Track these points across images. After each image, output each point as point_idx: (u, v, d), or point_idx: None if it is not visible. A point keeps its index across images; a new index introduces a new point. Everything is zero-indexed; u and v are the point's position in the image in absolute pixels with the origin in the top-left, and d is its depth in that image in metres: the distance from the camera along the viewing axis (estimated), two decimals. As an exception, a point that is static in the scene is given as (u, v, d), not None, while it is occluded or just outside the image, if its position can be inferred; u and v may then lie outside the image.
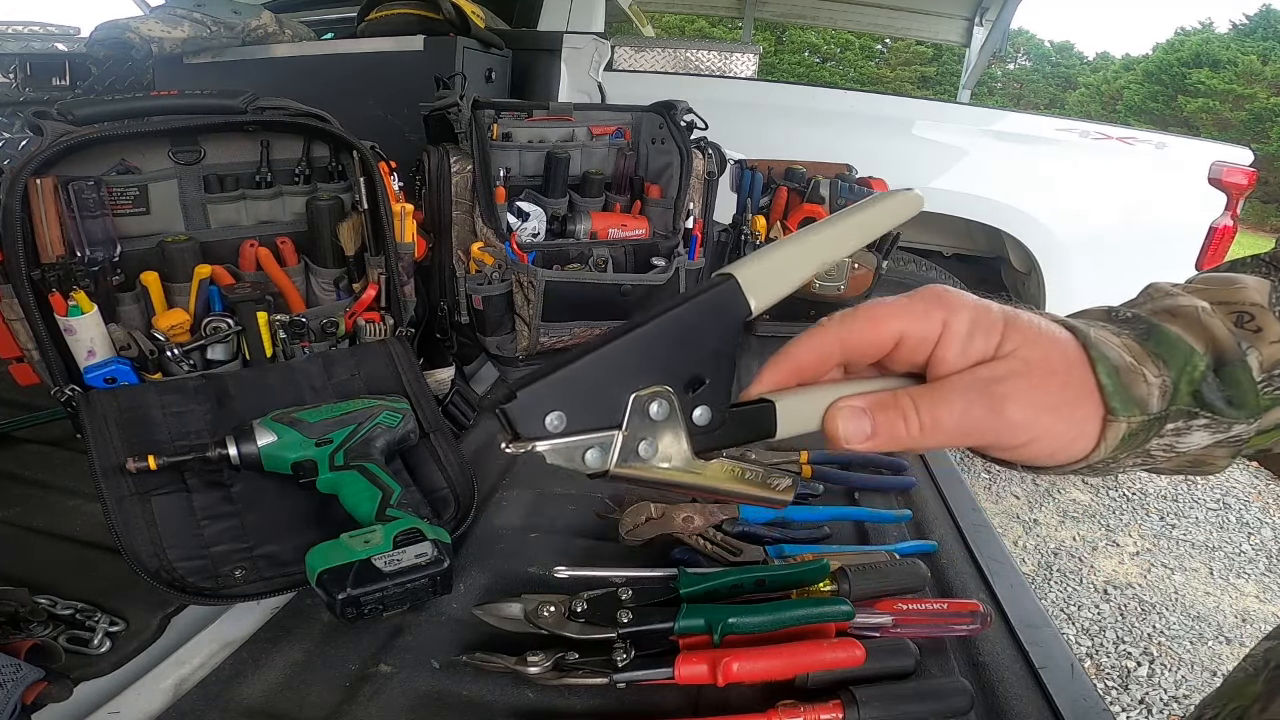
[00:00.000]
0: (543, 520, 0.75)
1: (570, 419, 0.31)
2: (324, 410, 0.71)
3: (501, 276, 1.00)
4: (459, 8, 1.68)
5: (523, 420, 0.30)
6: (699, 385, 0.33)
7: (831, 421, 0.34)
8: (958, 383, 0.33)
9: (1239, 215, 2.33)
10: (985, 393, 0.33)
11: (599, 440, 0.31)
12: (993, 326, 0.33)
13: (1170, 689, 1.78)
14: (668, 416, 0.32)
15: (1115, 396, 0.32)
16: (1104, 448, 0.33)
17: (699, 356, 0.33)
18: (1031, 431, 0.32)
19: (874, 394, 0.34)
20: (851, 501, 0.82)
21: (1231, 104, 15.33)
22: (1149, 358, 0.34)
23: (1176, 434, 0.34)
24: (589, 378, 0.31)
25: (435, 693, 0.53)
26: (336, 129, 0.79)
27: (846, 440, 0.34)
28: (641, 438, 0.32)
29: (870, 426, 0.34)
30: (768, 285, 0.33)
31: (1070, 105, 19.92)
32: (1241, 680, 0.49)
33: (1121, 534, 2.48)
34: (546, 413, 0.30)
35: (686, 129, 1.16)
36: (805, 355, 0.35)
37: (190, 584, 0.60)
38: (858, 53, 21.18)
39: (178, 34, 1.66)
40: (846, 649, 0.52)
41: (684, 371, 0.32)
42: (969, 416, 0.33)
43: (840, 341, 0.35)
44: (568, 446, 0.31)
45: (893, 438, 0.34)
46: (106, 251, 0.71)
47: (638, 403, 0.32)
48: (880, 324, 0.34)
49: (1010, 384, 0.32)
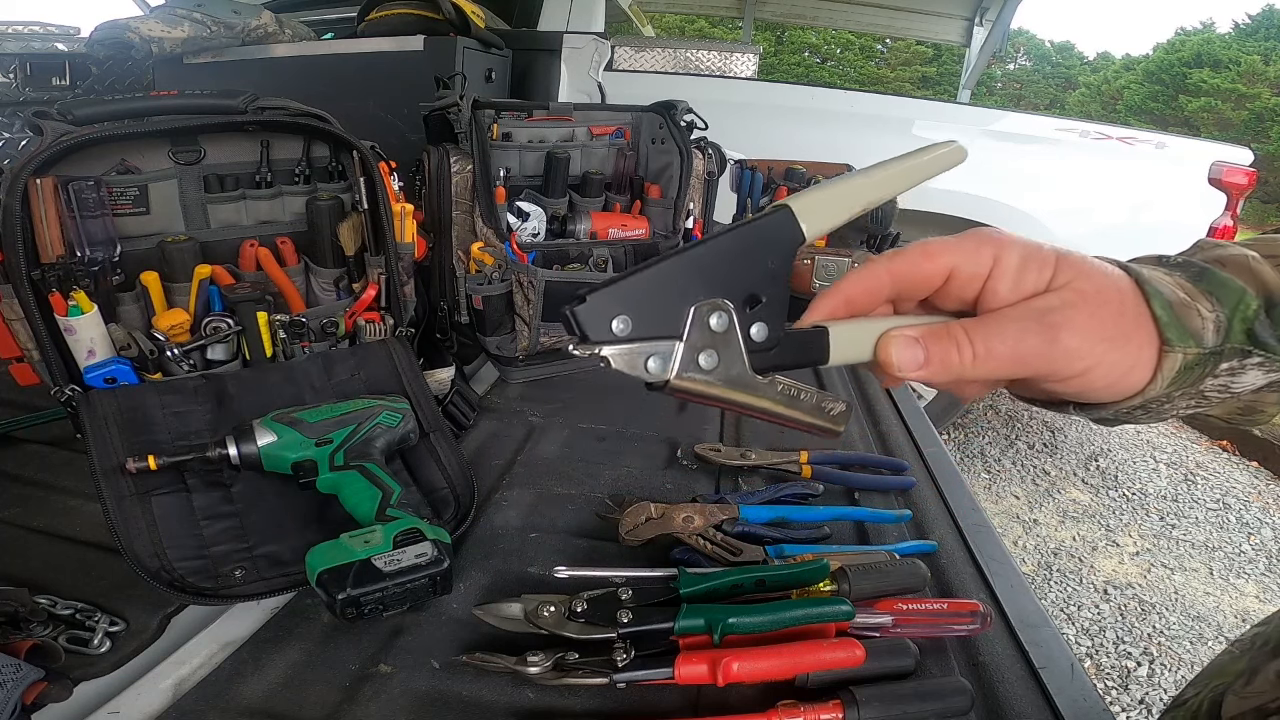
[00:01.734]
0: (543, 520, 0.75)
1: (635, 325, 0.31)
2: (324, 410, 0.71)
3: (501, 276, 1.00)
4: (459, 8, 1.68)
5: (591, 323, 0.31)
6: (755, 304, 0.33)
7: (885, 349, 0.34)
8: (1011, 313, 0.33)
9: (1239, 215, 2.34)
10: (1040, 321, 0.32)
11: (661, 349, 0.32)
12: (1045, 261, 0.33)
13: (1170, 689, 1.78)
14: (726, 329, 0.33)
15: (1170, 328, 0.32)
16: (1160, 380, 0.33)
17: (756, 276, 0.33)
18: (1086, 360, 0.32)
19: (926, 325, 0.34)
20: (851, 501, 0.82)
21: (1233, 103, 15.33)
22: (1202, 295, 0.34)
23: (1231, 373, 0.34)
24: (654, 286, 0.32)
25: (435, 693, 0.53)
26: (336, 129, 0.79)
27: (900, 368, 0.34)
28: (701, 348, 0.32)
29: (923, 354, 0.34)
30: (820, 215, 0.34)
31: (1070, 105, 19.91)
32: (1225, 661, 0.49)
33: (1121, 534, 2.48)
34: (613, 317, 0.31)
35: (686, 129, 1.16)
36: (855, 288, 0.36)
37: (190, 584, 0.59)
38: (858, 53, 21.17)
39: (178, 34, 1.66)
40: (846, 649, 0.52)
41: (742, 288, 0.33)
42: (1023, 344, 0.32)
43: (890, 274, 0.35)
44: (631, 352, 0.32)
45: (945, 366, 0.33)
46: (106, 251, 0.71)
47: (699, 314, 0.32)
48: (931, 257, 0.34)
49: (1065, 313, 0.32)
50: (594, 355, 0.31)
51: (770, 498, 0.76)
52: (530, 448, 0.90)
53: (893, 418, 1.05)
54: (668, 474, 0.85)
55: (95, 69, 1.79)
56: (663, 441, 0.93)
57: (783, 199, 0.34)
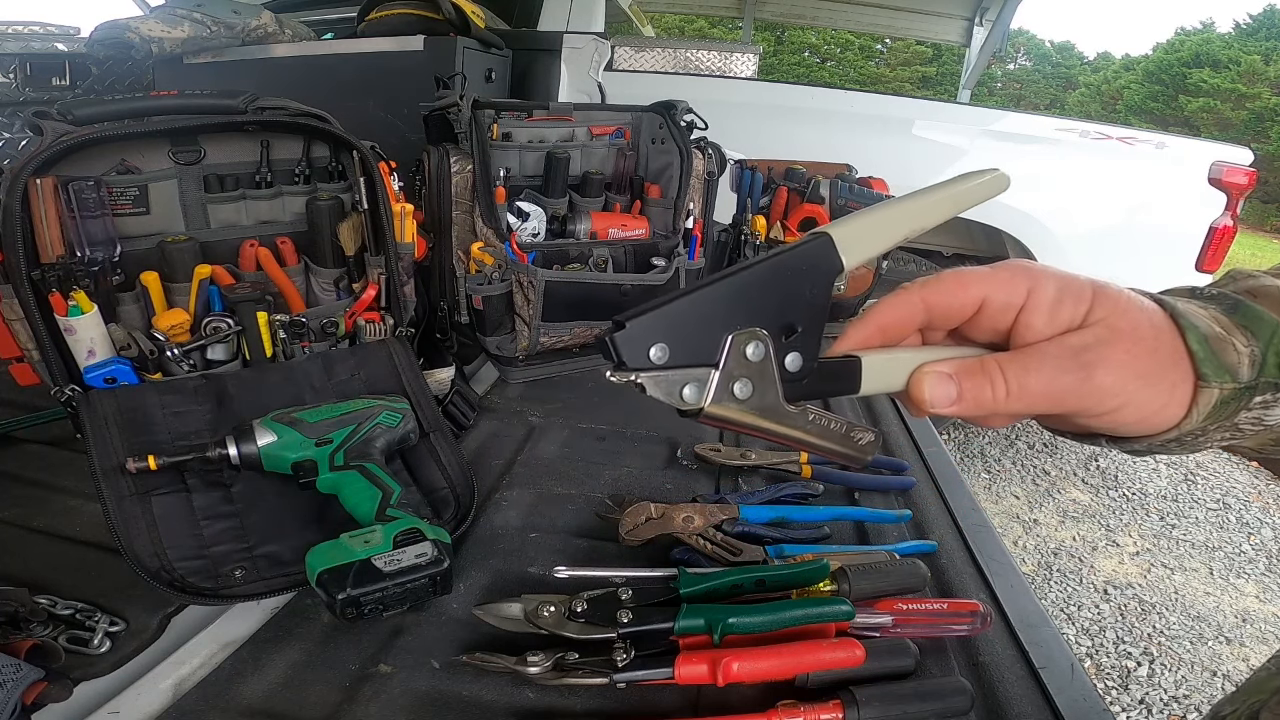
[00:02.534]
0: (543, 520, 0.75)
1: (672, 353, 0.31)
2: (324, 410, 0.71)
3: (501, 276, 1.00)
4: (459, 8, 1.68)
5: (629, 350, 0.31)
6: (792, 333, 0.33)
7: (917, 386, 0.34)
8: (1046, 349, 0.33)
9: (1239, 215, 2.33)
10: (1075, 359, 0.32)
11: (697, 376, 0.32)
12: (1080, 295, 0.33)
13: (1170, 689, 1.78)
14: (762, 359, 0.33)
15: (1206, 363, 0.32)
16: (1195, 415, 0.33)
17: (794, 305, 0.33)
18: (1120, 398, 0.32)
19: (960, 360, 0.34)
20: (851, 501, 0.82)
21: (1233, 103, 15.33)
22: (1237, 329, 0.34)
23: (1264, 406, 0.34)
24: (692, 314, 0.32)
25: (435, 693, 0.53)
26: (336, 129, 0.79)
27: (933, 404, 0.34)
28: (737, 378, 0.32)
29: (956, 391, 0.34)
30: (859, 244, 0.34)
31: (1070, 105, 19.91)
32: (1263, 677, 0.48)
33: (1121, 534, 2.48)
34: (651, 344, 0.31)
35: (686, 129, 1.16)
36: (888, 316, 0.36)
37: (190, 584, 0.60)
38: (857, 53, 21.17)
39: (178, 34, 1.66)
40: (846, 649, 0.52)
41: (779, 317, 0.33)
42: (1057, 383, 0.32)
43: (923, 302, 0.35)
44: (668, 379, 0.32)
45: (978, 402, 0.33)
46: (106, 251, 0.71)
47: (735, 343, 0.32)
48: (965, 286, 0.34)
49: (1100, 351, 0.32)
50: (631, 383, 0.31)
51: (770, 498, 0.76)
52: (530, 448, 0.90)
53: (893, 418, 1.05)
54: (668, 474, 0.85)
55: (95, 69, 1.79)
56: (663, 441, 0.93)
57: (823, 226, 0.34)
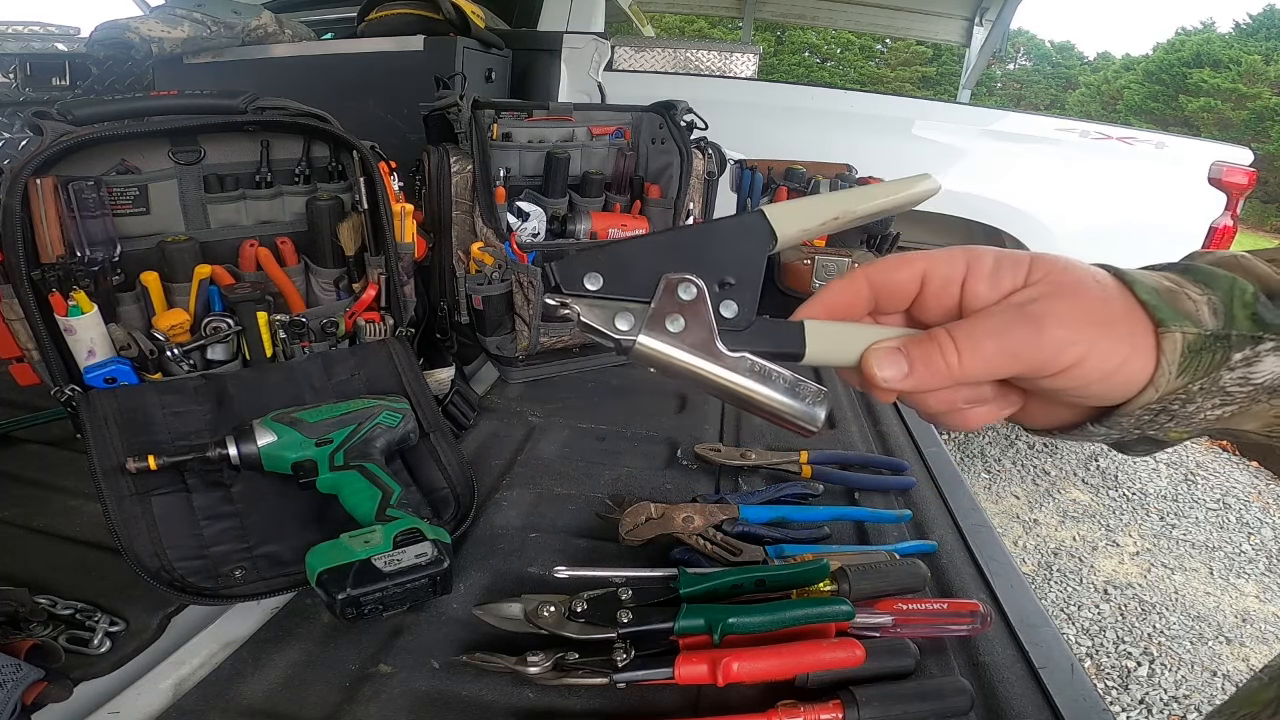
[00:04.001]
0: (543, 520, 0.75)
1: (607, 282, 0.33)
2: (324, 410, 0.71)
3: (501, 276, 1.00)
4: (459, 8, 1.68)
5: (564, 273, 0.33)
6: (725, 286, 0.35)
7: (867, 365, 0.34)
8: (993, 310, 0.33)
9: (1239, 215, 2.33)
10: (1022, 313, 0.32)
11: (630, 309, 0.34)
12: (1018, 261, 0.33)
13: (1170, 689, 1.78)
14: (695, 299, 0.34)
15: (1161, 309, 0.32)
16: (1165, 367, 0.32)
17: (729, 263, 0.35)
18: (1078, 346, 0.31)
19: (910, 334, 0.34)
20: (851, 501, 0.82)
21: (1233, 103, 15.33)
22: (1189, 283, 0.33)
23: (1247, 363, 0.33)
24: (628, 256, 0.34)
25: (435, 693, 0.53)
26: (336, 129, 0.79)
27: (885, 380, 0.33)
28: (670, 313, 0.34)
29: (906, 363, 0.33)
30: (792, 220, 0.35)
31: (1070, 105, 19.91)
32: (1255, 688, 0.48)
33: (1121, 534, 2.48)
34: (586, 272, 0.33)
35: (686, 129, 1.16)
36: (834, 296, 0.36)
37: (190, 584, 0.60)
38: (857, 53, 21.17)
39: (178, 34, 1.66)
40: (846, 649, 0.52)
41: (714, 271, 0.34)
42: (1009, 339, 0.32)
43: (867, 280, 0.35)
44: (602, 307, 0.33)
45: (931, 371, 0.33)
46: (106, 251, 0.71)
47: (669, 283, 0.34)
48: (906, 263, 0.35)
49: (1046, 303, 0.32)
50: (565, 306, 0.33)
51: (770, 498, 0.76)
52: (530, 448, 0.90)
53: (893, 418, 1.05)
54: (668, 474, 0.85)
55: (95, 69, 1.79)
56: (663, 441, 0.93)
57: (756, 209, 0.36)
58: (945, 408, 0.36)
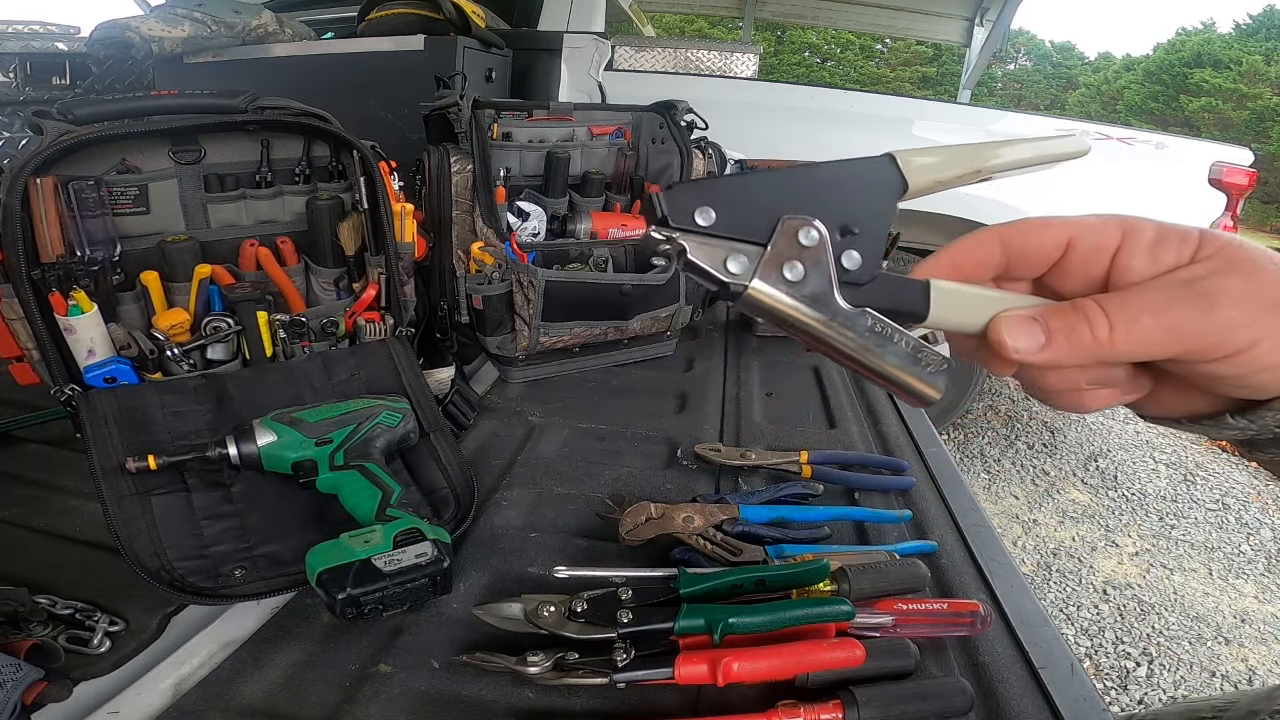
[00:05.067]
0: (543, 520, 0.75)
1: (720, 219, 0.30)
2: (324, 410, 0.71)
3: (501, 276, 1.00)
4: (459, 7, 1.68)
5: (673, 205, 0.29)
6: (849, 234, 0.31)
7: (996, 333, 0.30)
8: (1153, 283, 0.29)
9: (1239, 215, 2.33)
10: (1190, 289, 0.28)
11: (744, 250, 0.30)
12: (1186, 235, 0.30)
13: (1169, 689, 1.78)
14: (817, 245, 0.30)
15: None
16: None
17: (854, 209, 0.31)
18: (1253, 330, 0.28)
19: (1046, 304, 0.30)
20: (851, 501, 0.82)
21: (1234, 104, 15.34)
22: None
23: None
24: (745, 192, 0.30)
25: (435, 693, 0.53)
26: (337, 129, 0.79)
27: (1016, 351, 0.30)
28: (788, 259, 0.30)
29: (1045, 334, 0.29)
30: (924, 168, 0.32)
31: (1070, 105, 19.92)
32: None
33: (1121, 534, 2.48)
34: (698, 205, 0.29)
35: (686, 129, 1.16)
36: (962, 254, 0.32)
37: (190, 584, 0.60)
38: (858, 53, 21.18)
39: (178, 33, 1.66)
40: (846, 649, 0.52)
41: (838, 215, 0.31)
42: (1172, 315, 0.28)
43: (1002, 240, 0.32)
44: (712, 245, 0.30)
45: (1074, 345, 0.29)
46: (106, 251, 0.70)
47: (788, 225, 0.30)
48: (1049, 226, 0.31)
49: (1217, 280, 0.28)
50: (673, 242, 0.29)
51: (770, 498, 0.76)
52: (530, 448, 0.90)
53: (893, 418, 1.05)
54: (668, 474, 0.85)
55: (95, 68, 1.79)
56: (663, 441, 0.93)
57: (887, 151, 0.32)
58: (1066, 386, 0.32)
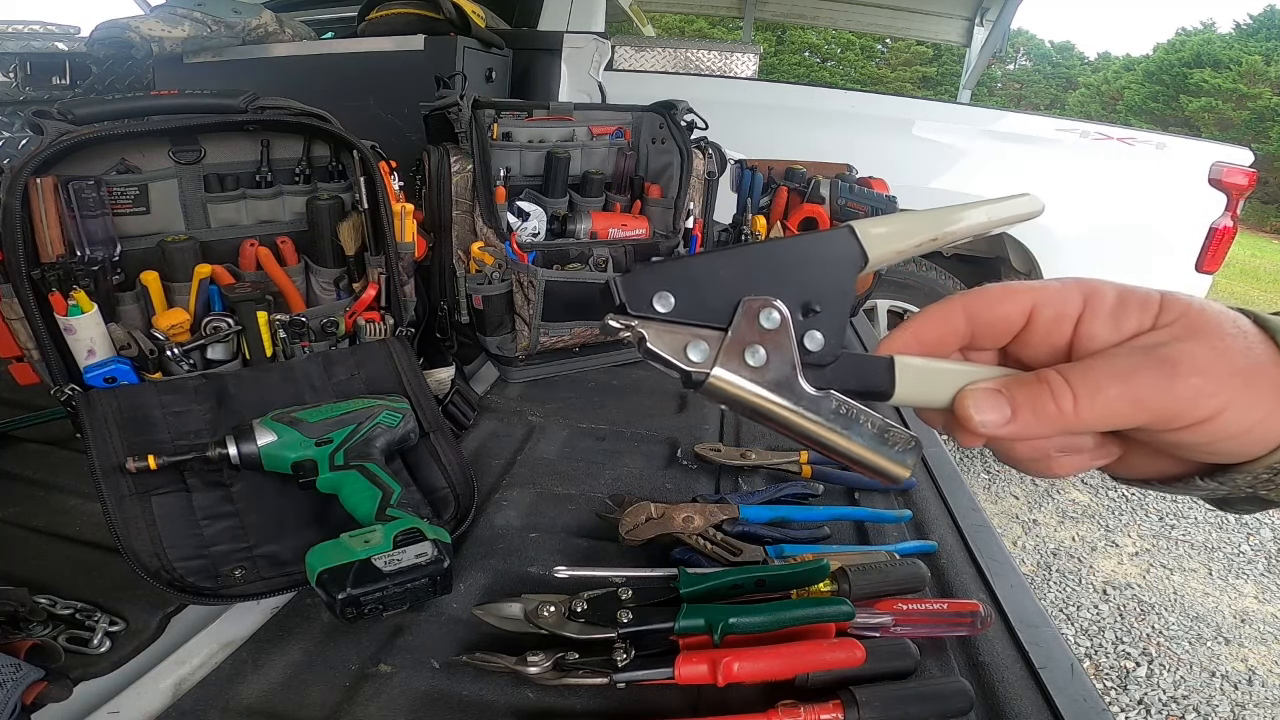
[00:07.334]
0: (543, 520, 0.75)
1: (679, 304, 0.29)
2: (324, 410, 0.71)
3: (501, 276, 1.00)
4: (459, 7, 1.68)
5: (631, 292, 0.29)
6: (811, 313, 0.31)
7: (963, 408, 0.30)
8: (1115, 351, 0.29)
9: (1239, 216, 2.33)
10: (1152, 356, 0.28)
11: (704, 336, 0.29)
12: (1146, 300, 0.29)
13: (1169, 689, 1.78)
14: (778, 328, 0.30)
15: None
16: None
17: (815, 285, 0.30)
18: (1217, 399, 0.27)
19: (1010, 375, 0.30)
20: (851, 501, 0.82)
21: (1234, 104, 15.35)
22: None
23: None
24: (704, 273, 0.30)
25: (435, 693, 0.53)
26: (337, 128, 0.79)
27: (983, 425, 0.29)
28: (750, 343, 0.29)
29: (1010, 407, 0.29)
30: (885, 240, 0.31)
31: (1070, 105, 19.92)
32: None
33: (1120, 534, 2.48)
34: (656, 291, 0.29)
35: (686, 129, 1.16)
36: (927, 327, 0.32)
37: (190, 584, 0.60)
38: (858, 53, 21.17)
39: (178, 33, 1.65)
40: (846, 649, 0.52)
41: (799, 294, 0.30)
42: (1135, 384, 0.27)
43: (965, 311, 0.32)
44: (673, 332, 0.29)
45: (1039, 418, 0.29)
46: (106, 251, 0.71)
47: (749, 307, 0.29)
48: (1011, 294, 0.31)
49: (1180, 347, 0.27)
50: (631, 330, 0.29)
51: (770, 498, 0.76)
52: (530, 448, 0.90)
53: (892, 418, 1.05)
54: (668, 474, 0.85)
55: (95, 68, 1.79)
56: (663, 441, 0.93)
57: (846, 224, 0.32)
58: (1035, 455, 0.32)
